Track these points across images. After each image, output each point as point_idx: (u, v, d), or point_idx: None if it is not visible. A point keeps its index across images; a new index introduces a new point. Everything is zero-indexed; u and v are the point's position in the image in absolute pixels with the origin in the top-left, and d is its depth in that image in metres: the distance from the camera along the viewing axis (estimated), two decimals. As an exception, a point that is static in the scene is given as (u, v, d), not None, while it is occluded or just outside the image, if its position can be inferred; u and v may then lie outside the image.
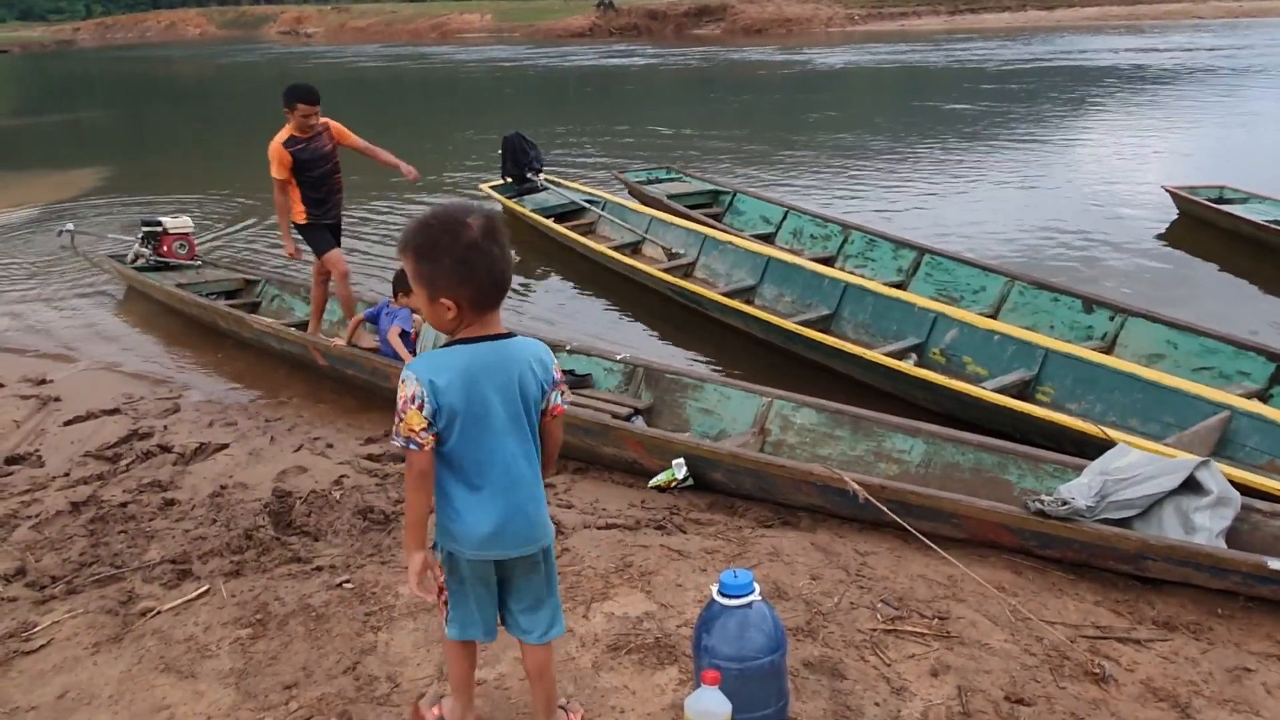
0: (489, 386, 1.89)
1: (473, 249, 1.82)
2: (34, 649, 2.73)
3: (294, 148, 4.97)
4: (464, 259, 1.82)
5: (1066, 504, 2.97)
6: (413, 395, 1.85)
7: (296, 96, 4.90)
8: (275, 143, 4.95)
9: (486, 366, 1.89)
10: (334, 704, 2.40)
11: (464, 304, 1.86)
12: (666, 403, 4.56)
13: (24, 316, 6.83)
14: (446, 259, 1.82)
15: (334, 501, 3.70)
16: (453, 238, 1.82)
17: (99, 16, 74.04)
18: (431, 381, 1.85)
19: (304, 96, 4.91)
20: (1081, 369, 4.46)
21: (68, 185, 12.02)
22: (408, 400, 1.85)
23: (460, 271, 1.83)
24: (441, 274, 1.83)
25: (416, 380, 1.85)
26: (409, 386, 1.85)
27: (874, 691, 2.38)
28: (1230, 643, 2.65)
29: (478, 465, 1.92)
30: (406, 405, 1.85)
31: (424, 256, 1.85)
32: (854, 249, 6.68)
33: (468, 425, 1.89)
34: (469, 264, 1.83)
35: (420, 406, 1.84)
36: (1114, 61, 21.32)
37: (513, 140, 8.56)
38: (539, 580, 2.06)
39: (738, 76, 22.98)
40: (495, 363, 1.90)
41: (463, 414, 1.87)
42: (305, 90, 4.95)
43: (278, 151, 4.95)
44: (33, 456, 4.39)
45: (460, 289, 1.84)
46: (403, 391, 1.86)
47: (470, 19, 46.95)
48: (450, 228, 1.83)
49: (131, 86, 31.15)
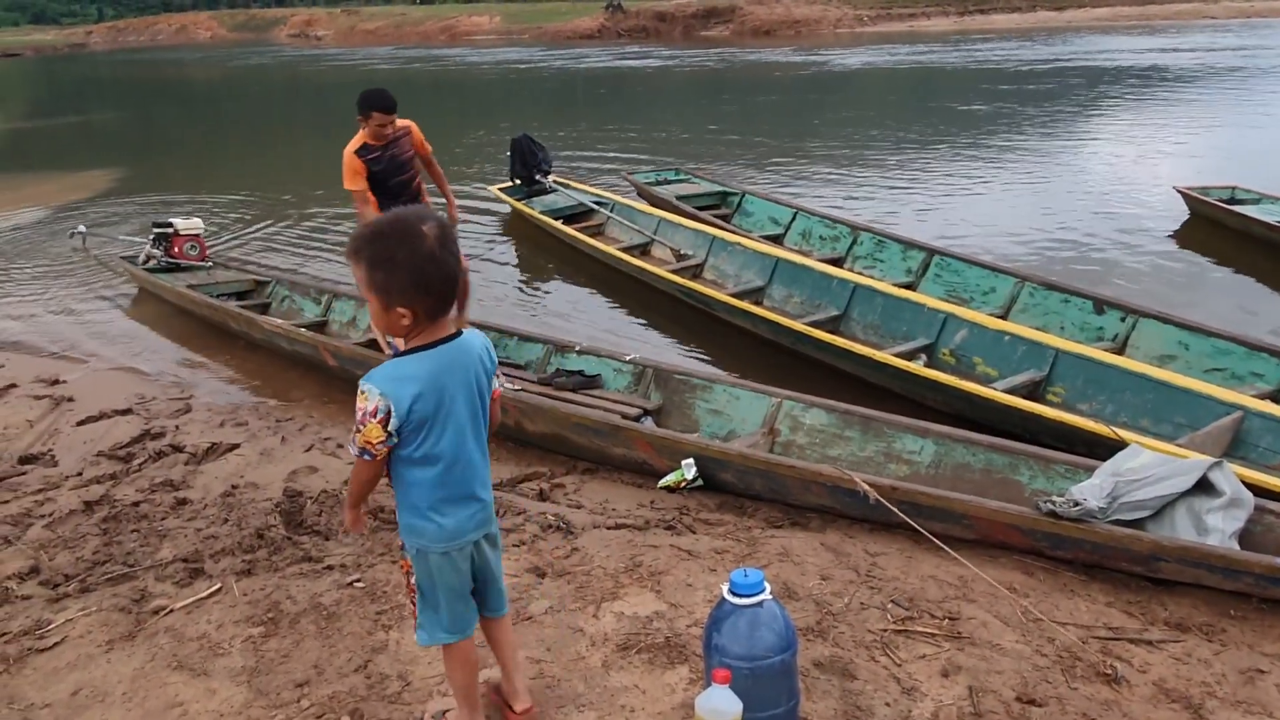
0: (454, 389, 1.93)
1: (430, 260, 1.82)
2: (48, 647, 2.75)
3: (368, 156, 4.61)
4: (421, 269, 1.81)
5: (1078, 505, 2.96)
6: (374, 409, 1.85)
7: (371, 104, 4.51)
8: (348, 151, 4.60)
9: (450, 370, 1.93)
10: (345, 702, 2.42)
11: (420, 312, 1.87)
12: (676, 403, 4.56)
13: (37, 317, 6.88)
14: (403, 271, 1.81)
15: (344, 501, 3.71)
16: (410, 249, 1.81)
17: (110, 20, 74.44)
18: (397, 395, 1.85)
19: (379, 103, 4.52)
20: (1092, 369, 4.44)
21: (80, 187, 12.09)
22: (368, 413, 1.85)
23: (419, 282, 1.82)
24: (398, 285, 1.83)
25: (380, 395, 1.85)
26: (370, 399, 1.85)
27: (885, 692, 2.37)
28: (1243, 644, 2.64)
29: (445, 463, 1.95)
30: (367, 418, 1.85)
31: (379, 266, 1.83)
32: (863, 250, 6.66)
33: (435, 428, 1.92)
34: (426, 275, 1.82)
35: (383, 421, 1.85)
36: (1125, 62, 21.23)
37: (521, 142, 8.58)
38: (490, 554, 2.13)
39: (750, 78, 22.96)
40: (457, 365, 1.94)
41: (431, 419, 1.91)
42: (380, 96, 4.56)
43: (350, 161, 4.58)
44: (46, 456, 4.42)
45: (419, 299, 1.84)
46: (362, 403, 1.86)
47: (479, 21, 47.08)
48: (407, 238, 1.82)
49: (143, 89, 31.32)
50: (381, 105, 4.53)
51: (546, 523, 3.42)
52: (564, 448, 4.25)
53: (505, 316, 6.05)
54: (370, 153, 4.62)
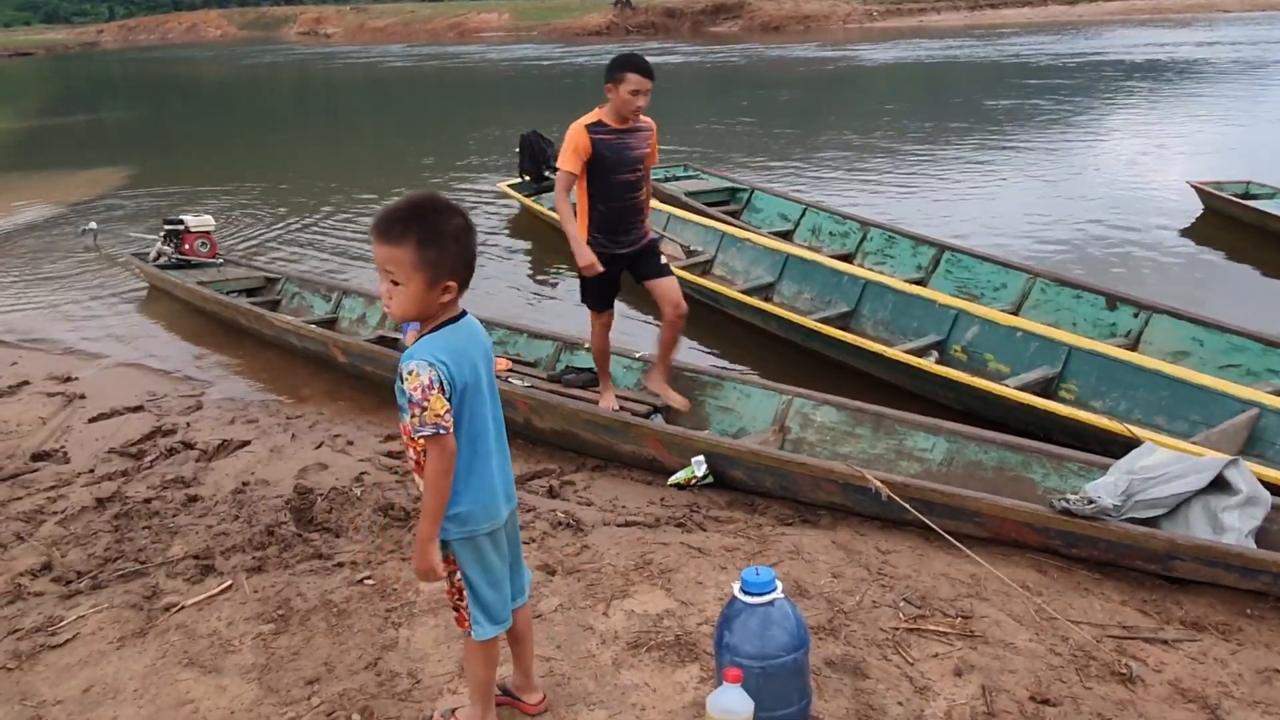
0: (478, 361, 1.98)
1: (468, 232, 1.93)
2: (60, 643, 2.76)
3: (600, 134, 3.89)
4: (463, 242, 1.92)
5: (1093, 503, 2.94)
6: (429, 381, 1.86)
7: (626, 63, 3.82)
8: (578, 124, 3.90)
9: (472, 343, 1.98)
10: (355, 699, 2.41)
11: (458, 286, 1.94)
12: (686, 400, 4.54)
13: (49, 314, 6.91)
14: (452, 244, 1.89)
15: (355, 498, 3.71)
16: (450, 223, 1.90)
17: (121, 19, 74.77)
18: (444, 365, 1.88)
19: (636, 65, 3.81)
20: (1106, 366, 4.40)
21: (91, 184, 12.15)
22: (426, 388, 1.85)
23: (464, 255, 1.92)
24: (448, 258, 1.89)
25: (430, 366, 1.87)
26: (423, 374, 1.86)
27: (897, 691, 2.36)
28: (1260, 643, 2.61)
29: (475, 436, 1.98)
30: (427, 393, 1.85)
31: (430, 243, 1.87)
32: (873, 246, 6.63)
33: (468, 401, 1.95)
34: (468, 247, 1.93)
35: (441, 389, 1.86)
36: (1136, 56, 21.08)
37: (530, 138, 8.58)
38: (516, 530, 2.16)
39: (760, 74, 22.89)
40: (476, 338, 2.00)
41: (463, 393, 1.94)
42: (637, 59, 3.85)
43: (577, 135, 3.87)
44: (58, 453, 4.44)
45: (462, 272, 1.93)
46: (415, 382, 1.86)
47: (488, 18, 47.11)
48: (446, 213, 1.91)
49: (154, 87, 31.47)
50: (639, 66, 3.81)
51: (556, 520, 3.42)
52: (573, 445, 4.24)
53: (515, 314, 6.04)
54: (603, 131, 3.90)
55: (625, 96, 3.82)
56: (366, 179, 11.78)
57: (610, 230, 4.07)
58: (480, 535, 2.02)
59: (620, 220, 4.05)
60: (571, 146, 3.88)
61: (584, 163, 3.90)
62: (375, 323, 5.95)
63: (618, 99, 3.84)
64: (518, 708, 2.31)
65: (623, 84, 3.80)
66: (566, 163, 3.89)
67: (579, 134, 3.87)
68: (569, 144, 3.88)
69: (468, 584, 2.05)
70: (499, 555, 2.07)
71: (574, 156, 3.88)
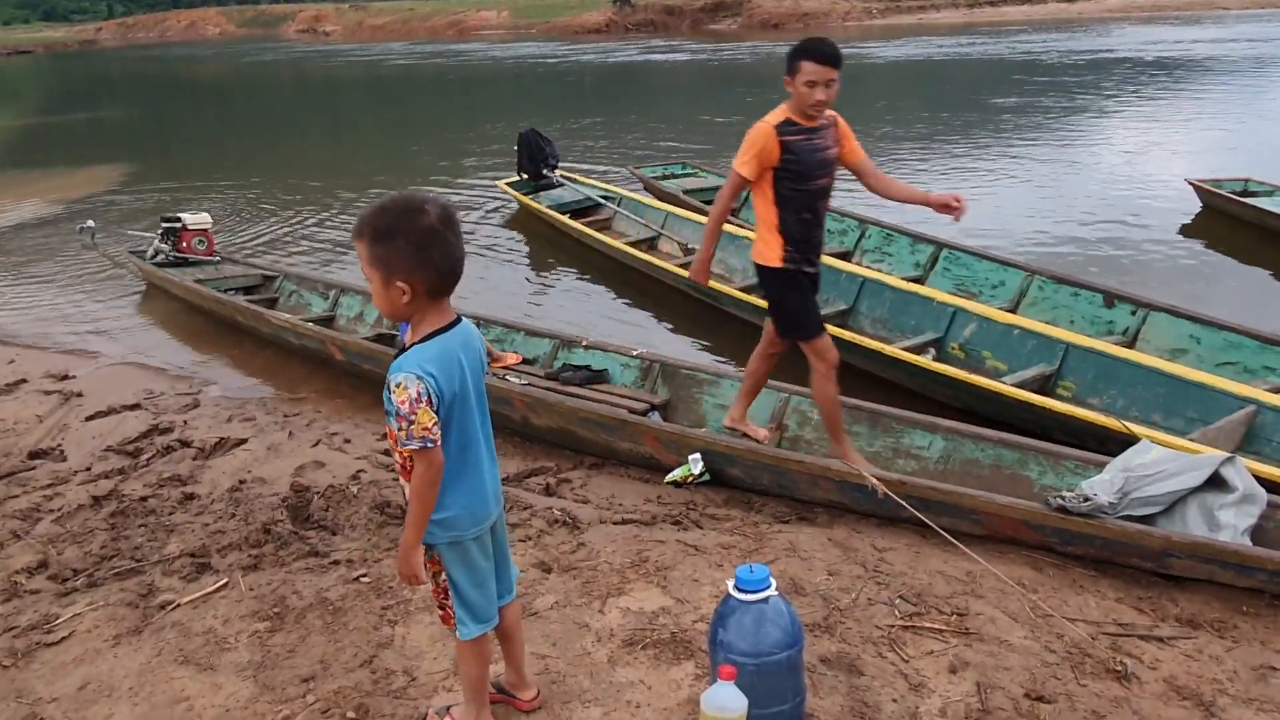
0: (465, 372, 1.96)
1: (430, 234, 1.85)
2: (55, 641, 2.76)
3: (790, 135, 3.33)
4: (421, 243, 1.85)
5: (1089, 500, 2.94)
6: (418, 394, 1.84)
7: (801, 52, 3.28)
8: (764, 123, 3.34)
9: (465, 352, 1.96)
10: (351, 697, 2.41)
11: (420, 289, 1.88)
12: (683, 398, 4.54)
13: (46, 312, 6.90)
14: (402, 241, 1.84)
15: (351, 496, 3.71)
16: (410, 222, 1.85)
17: (120, 17, 74.70)
18: (433, 375, 1.87)
19: (813, 51, 3.25)
20: (1103, 364, 4.40)
21: (89, 182, 12.14)
22: (414, 400, 1.83)
23: (417, 255, 1.85)
24: (397, 257, 1.85)
25: (418, 378, 1.85)
26: (411, 386, 1.84)
27: (892, 688, 2.36)
28: (1256, 641, 2.61)
29: (465, 445, 1.98)
30: (415, 406, 1.83)
31: (380, 239, 1.86)
32: (871, 243, 6.63)
33: (454, 412, 1.94)
34: (426, 249, 1.85)
35: (429, 402, 1.85)
36: (1135, 54, 21.07)
37: (528, 136, 8.57)
38: (503, 529, 2.16)
39: (762, 72, 22.89)
40: (465, 349, 1.97)
41: (451, 403, 1.93)
42: (816, 44, 3.29)
43: (764, 137, 3.32)
44: (55, 451, 4.43)
45: (416, 273, 1.86)
46: (403, 395, 1.83)
47: (487, 16, 47.11)
48: (408, 212, 1.86)
49: (153, 85, 31.43)
50: (817, 52, 3.24)
51: (553, 518, 3.42)
52: (570, 442, 4.24)
53: (512, 311, 6.04)
54: (794, 131, 3.33)
55: (802, 90, 3.26)
56: (365, 177, 11.78)
57: (805, 244, 3.50)
58: (467, 540, 2.01)
59: (813, 232, 3.52)
60: (755, 150, 3.33)
61: (770, 169, 3.35)
62: (373, 320, 5.95)
63: (795, 93, 3.30)
64: (512, 704, 2.31)
65: (799, 75, 3.25)
66: (744, 167, 3.35)
67: (766, 136, 3.32)
68: (751, 146, 3.34)
69: (452, 585, 2.05)
70: (484, 557, 2.07)
71: (755, 162, 3.33)
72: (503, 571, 2.17)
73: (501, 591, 2.17)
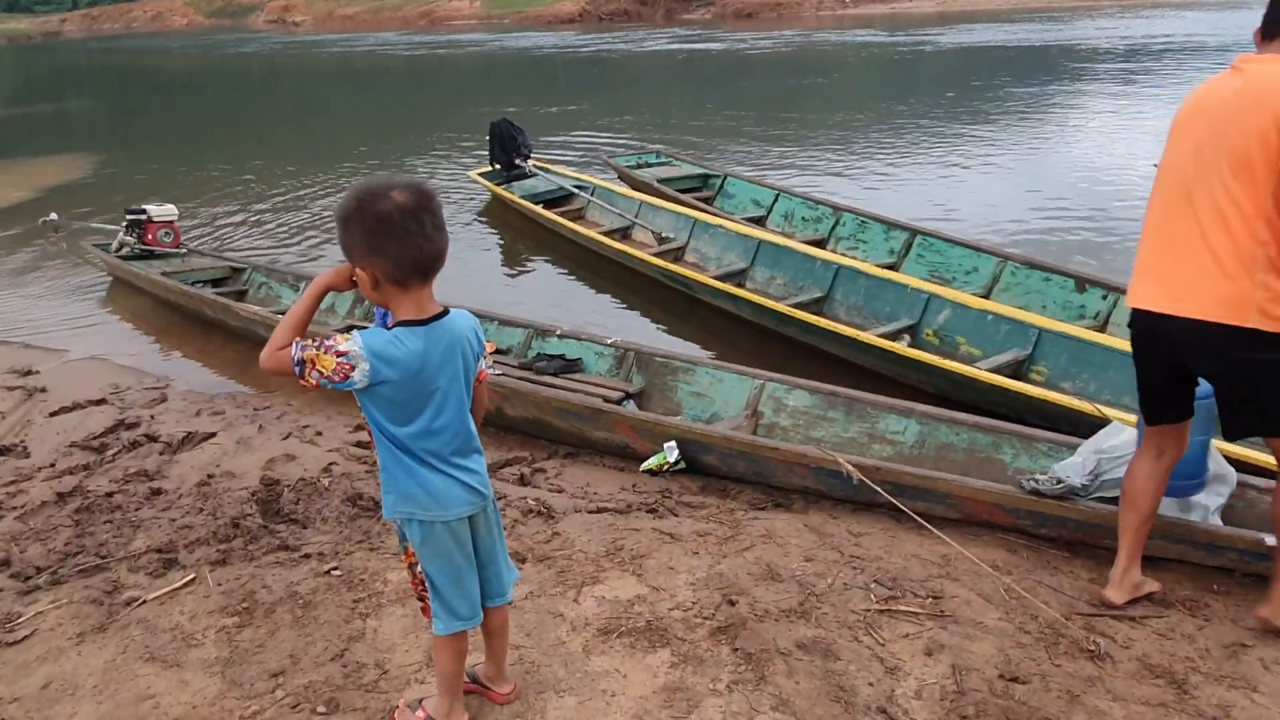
0: (441, 368, 1.90)
1: (384, 220, 1.78)
2: (18, 640, 2.69)
3: None
4: (372, 230, 1.80)
5: (1061, 483, 2.95)
6: (347, 353, 1.79)
7: None
8: None
9: (437, 348, 1.89)
10: (321, 691, 2.37)
11: (379, 276, 1.84)
12: (658, 386, 4.52)
13: (8, 307, 6.76)
14: (356, 228, 1.81)
15: (322, 489, 3.66)
16: (362, 208, 1.80)
17: (85, 7, 73.28)
18: (374, 368, 1.82)
19: None
20: (1075, 348, 4.43)
21: (53, 173, 11.90)
22: (336, 350, 1.79)
23: (369, 242, 1.81)
24: (352, 242, 1.83)
25: (362, 355, 1.80)
26: (350, 347, 1.80)
27: (868, 671, 2.35)
28: (1227, 619, 2.63)
29: (435, 439, 1.93)
30: (332, 352, 1.79)
31: (340, 223, 1.85)
32: (846, 231, 6.63)
33: (424, 406, 1.90)
34: (380, 235, 1.79)
35: (343, 370, 1.80)
36: (1105, 43, 21.25)
37: (500, 126, 8.48)
38: (493, 529, 2.10)
39: (732, 62, 22.85)
40: (444, 344, 1.91)
41: (419, 397, 1.89)
42: None
43: None
44: (18, 447, 4.34)
45: (370, 259, 1.82)
46: (341, 343, 1.80)
47: (459, 6, 46.64)
48: (366, 198, 1.80)
49: (120, 76, 30.88)
50: None
51: (527, 507, 3.39)
52: (545, 432, 4.21)
53: (486, 302, 5.97)
54: None
55: None
56: (334, 167, 11.63)
57: None
58: (435, 523, 1.97)
59: None
60: None
61: None
62: (345, 312, 5.88)
63: None
64: (486, 696, 2.28)
65: None
66: None
67: None
68: None
69: (428, 578, 2.02)
70: (461, 552, 2.02)
71: None
72: (494, 573, 2.11)
73: (493, 593, 2.11)
